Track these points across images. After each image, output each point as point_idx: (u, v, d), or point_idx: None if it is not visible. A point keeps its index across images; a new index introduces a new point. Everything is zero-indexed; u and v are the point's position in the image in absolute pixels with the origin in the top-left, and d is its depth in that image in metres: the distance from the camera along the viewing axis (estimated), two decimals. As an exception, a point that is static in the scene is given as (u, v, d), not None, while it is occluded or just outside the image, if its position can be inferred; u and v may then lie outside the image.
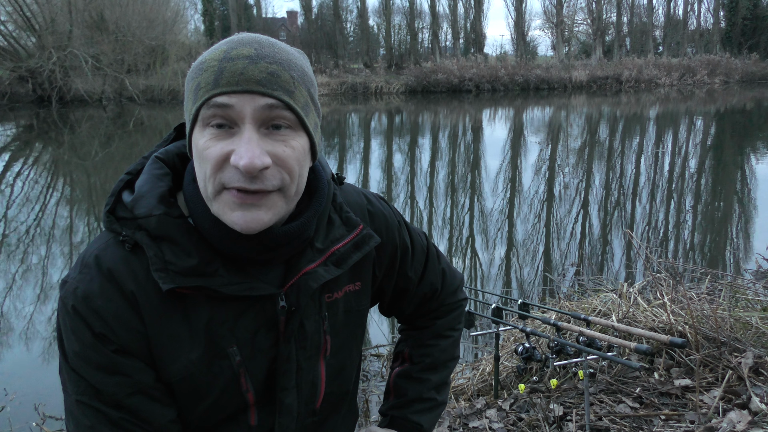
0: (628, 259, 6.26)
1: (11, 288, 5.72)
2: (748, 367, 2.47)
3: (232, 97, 0.76)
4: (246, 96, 0.77)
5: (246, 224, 0.79)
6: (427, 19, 40.24)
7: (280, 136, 0.80)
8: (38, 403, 3.33)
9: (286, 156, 0.80)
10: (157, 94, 26.07)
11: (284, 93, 0.78)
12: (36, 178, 11.68)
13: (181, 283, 0.81)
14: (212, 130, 0.78)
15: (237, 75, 0.76)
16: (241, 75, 0.76)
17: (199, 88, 0.78)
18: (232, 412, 0.91)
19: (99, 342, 0.81)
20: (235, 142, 0.77)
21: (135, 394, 0.83)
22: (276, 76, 0.78)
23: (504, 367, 3.27)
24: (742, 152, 13.54)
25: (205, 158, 0.78)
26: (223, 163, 0.77)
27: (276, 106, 0.78)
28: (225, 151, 0.77)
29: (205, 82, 0.78)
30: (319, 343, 0.95)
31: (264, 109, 0.77)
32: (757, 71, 36.15)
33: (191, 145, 0.83)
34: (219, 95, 0.76)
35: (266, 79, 0.77)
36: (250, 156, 0.75)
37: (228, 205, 0.79)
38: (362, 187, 1.13)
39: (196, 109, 0.79)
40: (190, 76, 0.82)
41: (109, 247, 0.84)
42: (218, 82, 0.77)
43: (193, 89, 0.80)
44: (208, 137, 0.78)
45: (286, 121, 0.80)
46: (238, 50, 0.78)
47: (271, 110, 0.78)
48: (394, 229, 1.05)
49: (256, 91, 0.77)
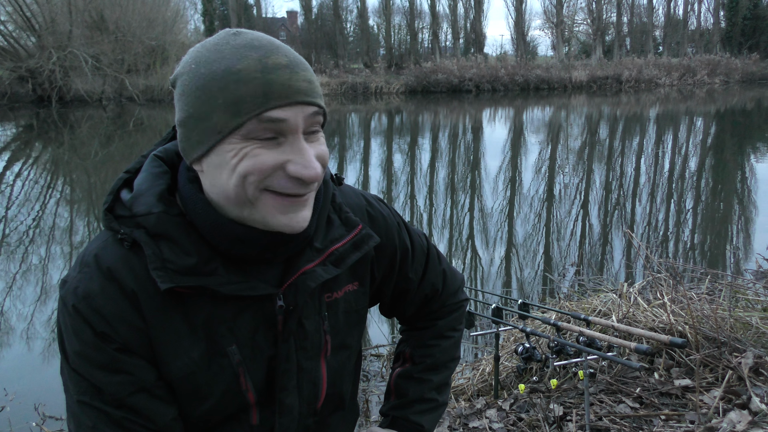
0: (628, 259, 6.26)
1: (11, 288, 5.72)
2: (748, 367, 2.47)
3: (286, 111, 0.77)
4: (296, 107, 0.78)
5: (297, 224, 0.82)
6: (427, 19, 40.31)
7: (315, 137, 0.82)
8: (38, 403, 3.33)
9: (323, 156, 0.83)
10: (157, 94, 26.06)
11: (320, 98, 0.82)
12: (36, 178, 11.68)
13: (180, 282, 0.80)
14: (258, 141, 0.78)
15: (285, 87, 0.76)
16: (288, 87, 0.77)
17: (242, 102, 0.76)
18: (233, 412, 0.91)
19: (100, 341, 0.81)
20: (286, 151, 0.78)
21: (137, 392, 0.83)
22: (312, 83, 0.80)
23: (504, 367, 3.27)
24: (742, 152, 13.54)
25: (253, 167, 0.77)
26: (275, 171, 0.79)
27: (317, 113, 0.81)
28: (279, 161, 0.78)
29: (250, 95, 0.75)
30: (320, 343, 0.95)
31: (309, 117, 0.80)
32: (757, 71, 36.15)
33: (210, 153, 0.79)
34: (271, 109, 0.76)
35: (308, 88, 0.79)
36: (313, 167, 0.79)
37: (275, 208, 0.80)
38: (362, 187, 1.14)
39: (239, 122, 0.76)
40: (215, 85, 0.77)
41: (108, 245, 0.84)
42: (269, 96, 0.76)
43: (231, 101, 0.76)
44: (255, 146, 0.77)
45: (320, 124, 0.83)
46: (273, 59, 0.77)
47: (313, 117, 0.80)
48: (393, 230, 1.06)
49: (304, 101, 0.78)
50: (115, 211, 0.85)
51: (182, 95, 0.80)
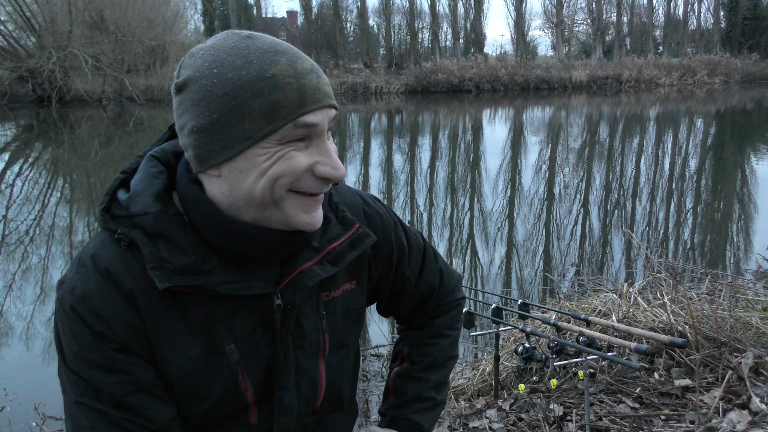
0: (628, 259, 6.26)
1: (11, 288, 5.72)
2: (748, 367, 2.47)
3: (317, 115, 0.79)
4: (324, 111, 0.80)
5: (316, 222, 0.85)
6: (427, 19, 40.31)
7: (329, 137, 0.85)
8: (38, 403, 3.33)
9: (338, 154, 0.85)
10: (157, 94, 26.05)
11: (335, 100, 0.84)
12: (36, 178, 11.67)
13: (178, 281, 0.80)
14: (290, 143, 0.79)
15: (316, 92, 0.79)
16: (319, 92, 0.79)
17: (280, 107, 0.76)
18: (232, 411, 0.91)
19: (98, 341, 0.81)
20: (313, 153, 0.81)
21: (135, 392, 0.83)
22: (330, 87, 0.83)
23: (504, 367, 3.27)
24: (742, 152, 13.54)
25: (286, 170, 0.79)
26: (305, 173, 0.81)
27: (336, 115, 0.84)
28: (309, 163, 0.80)
29: (286, 100, 0.76)
30: (318, 342, 0.95)
31: (331, 121, 0.83)
32: (757, 71, 36.15)
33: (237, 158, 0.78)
34: (306, 114, 0.78)
35: (330, 91, 0.83)
36: (341, 167, 0.83)
37: (300, 208, 0.83)
38: (362, 187, 1.15)
39: (276, 127, 0.77)
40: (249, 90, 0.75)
41: (105, 245, 0.84)
42: (305, 101, 0.78)
43: (267, 107, 0.76)
44: (289, 149, 0.79)
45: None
46: (299, 64, 0.79)
47: (333, 119, 0.84)
48: (389, 229, 1.06)
49: (330, 105, 0.81)
50: (112, 212, 0.85)
51: (201, 101, 0.77)
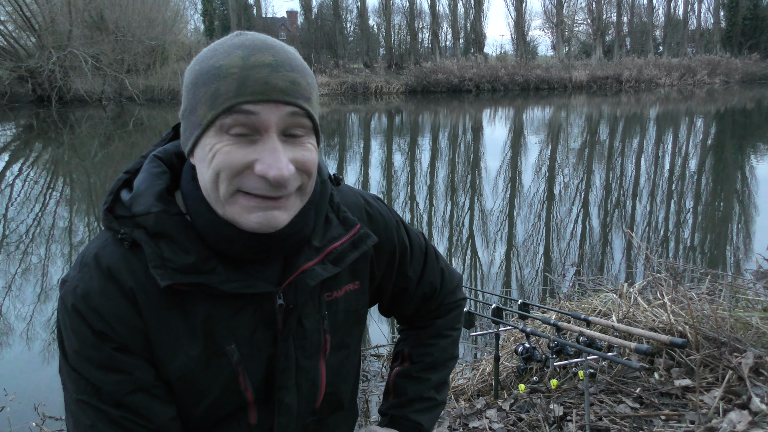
0: (628, 259, 6.26)
1: (11, 288, 5.72)
2: (748, 367, 2.47)
3: (257, 106, 0.77)
4: (270, 105, 0.77)
5: (266, 223, 0.80)
6: (427, 19, 40.31)
7: (298, 141, 0.81)
8: (38, 403, 3.33)
9: (305, 160, 0.81)
10: (157, 94, 26.07)
11: (304, 101, 0.80)
12: (36, 178, 11.67)
13: (179, 280, 0.81)
14: (231, 137, 0.78)
15: (261, 84, 0.77)
16: (265, 84, 0.77)
17: (218, 95, 0.77)
18: (231, 411, 0.91)
19: (99, 340, 0.82)
20: (257, 150, 0.78)
21: (135, 391, 0.83)
22: (297, 84, 0.79)
23: (504, 367, 3.27)
24: (742, 152, 13.54)
25: (223, 163, 0.78)
26: (245, 170, 0.78)
27: (298, 114, 0.80)
28: (248, 159, 0.78)
29: (225, 89, 0.77)
30: (319, 342, 0.95)
31: (287, 118, 0.79)
32: (758, 71, 36.16)
33: (196, 147, 0.82)
34: (243, 104, 0.77)
35: (289, 87, 0.78)
36: (279, 167, 0.77)
37: (245, 208, 0.80)
38: (362, 187, 1.14)
39: (214, 115, 0.78)
40: (200, 79, 0.79)
41: (108, 245, 0.84)
42: (242, 91, 0.76)
43: (209, 95, 0.78)
44: (227, 143, 0.78)
45: (305, 127, 0.82)
46: (257, 57, 0.78)
47: (293, 118, 0.79)
48: (392, 229, 1.06)
49: (281, 100, 0.78)
50: (115, 211, 0.85)
51: (183, 90, 0.84)
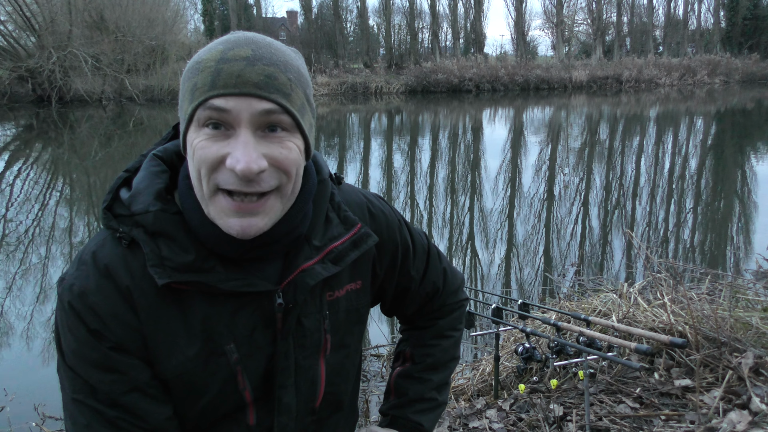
0: (628, 259, 6.26)
1: (11, 288, 5.72)
2: (748, 368, 2.47)
3: (230, 100, 0.76)
4: (243, 99, 0.76)
5: (242, 230, 0.80)
6: (427, 19, 40.29)
7: (276, 137, 0.80)
8: (38, 403, 3.33)
9: (282, 158, 0.80)
10: (157, 94, 26.06)
11: (281, 96, 0.78)
12: (36, 178, 11.67)
13: (177, 278, 0.80)
14: (208, 131, 0.78)
15: (234, 77, 0.76)
16: (238, 77, 0.76)
17: (196, 89, 0.78)
18: (230, 411, 0.91)
19: (94, 339, 0.81)
20: (231, 144, 0.77)
21: (131, 391, 0.83)
22: (273, 79, 0.78)
23: (504, 368, 3.27)
24: (742, 152, 13.54)
25: (200, 159, 0.78)
26: (219, 164, 0.77)
27: (273, 110, 0.78)
28: (221, 154, 0.77)
29: (201, 82, 0.77)
30: (319, 342, 0.95)
31: (261, 114, 0.77)
32: (758, 71, 36.13)
33: (186, 143, 0.82)
34: (216, 97, 0.76)
35: (263, 81, 0.77)
36: (247, 160, 0.76)
37: (223, 210, 0.79)
38: (362, 187, 1.14)
39: (192, 109, 0.78)
40: (186, 74, 0.81)
41: (106, 243, 0.84)
42: (215, 84, 0.76)
43: (189, 89, 0.79)
44: (204, 138, 0.78)
45: (283, 124, 0.80)
46: (235, 51, 0.77)
47: (268, 115, 0.78)
48: (394, 228, 1.06)
49: (254, 94, 0.76)
50: (114, 210, 0.85)
51: None
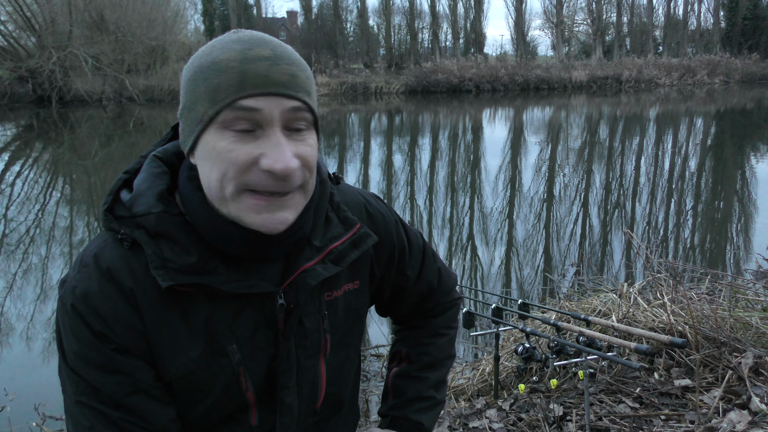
0: (628, 259, 6.26)
1: (11, 288, 5.72)
2: (748, 367, 2.47)
3: (260, 100, 0.77)
4: (272, 98, 0.77)
5: (273, 225, 0.81)
6: (427, 19, 40.27)
7: (300, 136, 0.81)
8: (38, 403, 3.32)
9: (308, 155, 0.82)
10: (157, 94, 26.06)
11: (305, 94, 0.80)
12: (36, 178, 11.67)
13: (180, 280, 0.80)
14: (234, 133, 0.78)
15: (262, 77, 0.77)
16: (266, 77, 0.77)
17: (218, 90, 0.77)
18: (232, 412, 0.91)
19: (98, 341, 0.81)
20: (261, 145, 0.78)
21: (134, 393, 0.83)
22: (296, 78, 0.79)
23: (504, 367, 3.27)
24: (742, 152, 13.54)
25: (228, 161, 0.77)
26: (250, 166, 0.78)
27: (300, 108, 0.80)
28: (253, 155, 0.77)
29: (226, 84, 0.76)
30: (319, 342, 0.95)
31: (290, 112, 0.79)
32: (757, 71, 36.13)
33: (196, 145, 0.81)
34: (245, 98, 0.76)
35: (289, 81, 0.78)
36: (285, 160, 0.77)
37: (251, 208, 0.80)
38: (362, 187, 1.14)
39: (215, 111, 0.77)
40: (199, 75, 0.79)
41: (108, 245, 0.84)
42: (243, 85, 0.76)
43: (209, 90, 0.78)
44: (231, 140, 0.77)
45: (306, 122, 0.82)
46: (255, 51, 0.78)
47: (295, 112, 0.79)
48: (391, 228, 1.06)
49: (282, 93, 0.78)
50: (115, 212, 0.85)
51: (181, 88, 0.84)
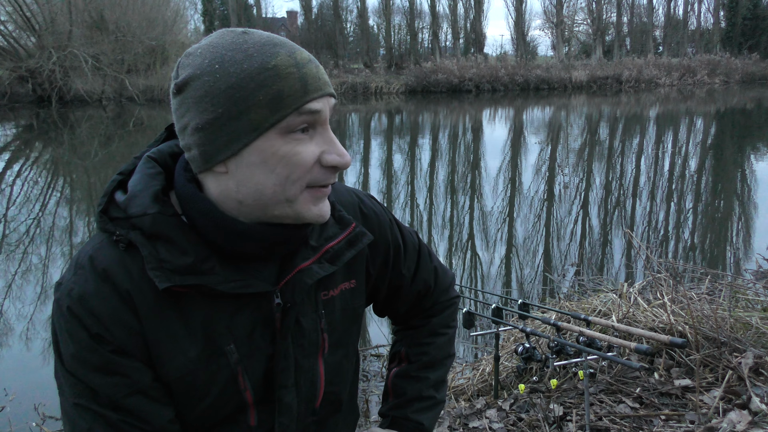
0: (628, 259, 6.26)
1: (11, 288, 5.72)
2: (748, 367, 2.47)
3: (319, 102, 0.81)
4: (325, 99, 0.82)
5: (326, 214, 0.86)
6: (427, 19, 40.30)
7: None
8: (38, 403, 3.33)
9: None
10: (157, 94, 26.04)
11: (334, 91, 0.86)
12: (36, 178, 11.68)
13: (177, 281, 0.80)
14: (297, 135, 0.80)
15: (318, 80, 0.81)
16: (319, 80, 0.81)
17: (284, 96, 0.77)
18: (231, 412, 0.91)
19: (95, 343, 0.81)
20: (319, 143, 0.82)
21: (133, 394, 0.83)
22: (327, 77, 0.84)
23: (504, 367, 3.27)
24: (742, 152, 13.54)
25: (294, 163, 0.80)
26: (315, 164, 0.82)
27: (335, 104, 0.85)
28: (317, 153, 0.82)
29: (290, 89, 0.78)
30: (317, 341, 0.95)
31: (332, 109, 0.85)
32: (757, 71, 36.14)
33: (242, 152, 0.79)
34: (311, 101, 0.80)
35: (329, 81, 0.84)
36: (346, 154, 0.84)
37: (311, 201, 0.84)
38: (362, 187, 1.15)
39: (281, 116, 0.78)
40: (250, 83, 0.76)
41: (104, 247, 0.84)
42: (307, 90, 0.79)
43: (270, 97, 0.77)
44: (296, 143, 0.80)
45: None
46: (297, 54, 0.80)
47: (333, 108, 0.85)
48: (386, 227, 1.07)
49: (329, 93, 0.83)
50: (110, 213, 0.85)
51: (204, 97, 0.77)
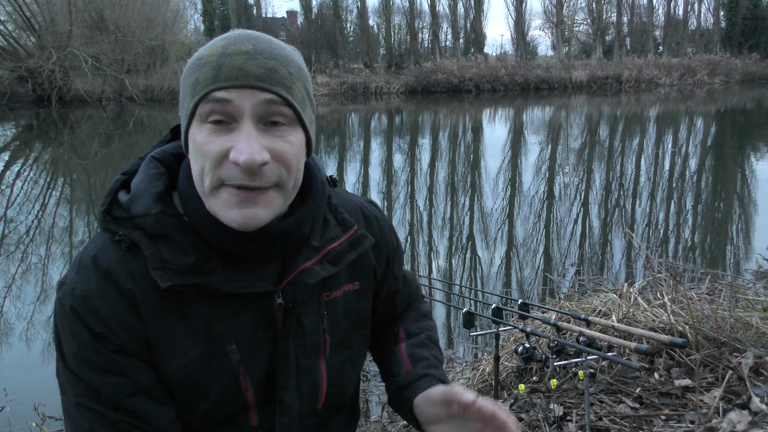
0: (628, 259, 6.26)
1: (11, 288, 5.72)
2: (748, 367, 2.47)
3: (231, 92, 0.77)
4: (245, 91, 0.77)
5: (244, 221, 0.79)
6: (427, 19, 40.28)
7: (278, 131, 0.81)
8: (38, 403, 3.33)
9: (284, 151, 0.80)
10: (157, 94, 26.05)
11: (282, 88, 0.79)
12: (36, 178, 11.67)
13: (179, 281, 0.81)
14: (210, 126, 0.78)
15: (236, 70, 0.77)
16: (240, 70, 0.77)
17: (197, 83, 0.78)
18: (232, 413, 0.90)
19: (98, 342, 0.81)
20: (233, 138, 0.78)
21: (134, 394, 0.83)
22: (274, 72, 0.79)
23: (504, 367, 3.27)
24: (742, 152, 13.54)
25: (204, 154, 0.78)
26: (223, 159, 0.78)
27: (275, 101, 0.79)
28: (224, 147, 0.78)
29: (203, 77, 0.78)
30: (318, 342, 0.95)
31: (263, 105, 0.78)
32: (757, 71, 36.13)
33: (188, 141, 0.82)
34: (218, 90, 0.77)
35: (265, 74, 0.78)
36: (250, 152, 0.76)
37: (225, 203, 0.79)
38: (362, 187, 1.15)
39: (194, 104, 0.79)
40: (187, 72, 0.82)
41: (106, 247, 0.84)
42: (217, 77, 0.77)
43: (190, 85, 0.80)
44: (207, 133, 0.78)
45: (284, 117, 0.81)
46: (235, 46, 0.79)
47: (269, 106, 0.79)
48: (386, 231, 1.08)
49: (255, 86, 0.77)
50: (113, 213, 0.85)
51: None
